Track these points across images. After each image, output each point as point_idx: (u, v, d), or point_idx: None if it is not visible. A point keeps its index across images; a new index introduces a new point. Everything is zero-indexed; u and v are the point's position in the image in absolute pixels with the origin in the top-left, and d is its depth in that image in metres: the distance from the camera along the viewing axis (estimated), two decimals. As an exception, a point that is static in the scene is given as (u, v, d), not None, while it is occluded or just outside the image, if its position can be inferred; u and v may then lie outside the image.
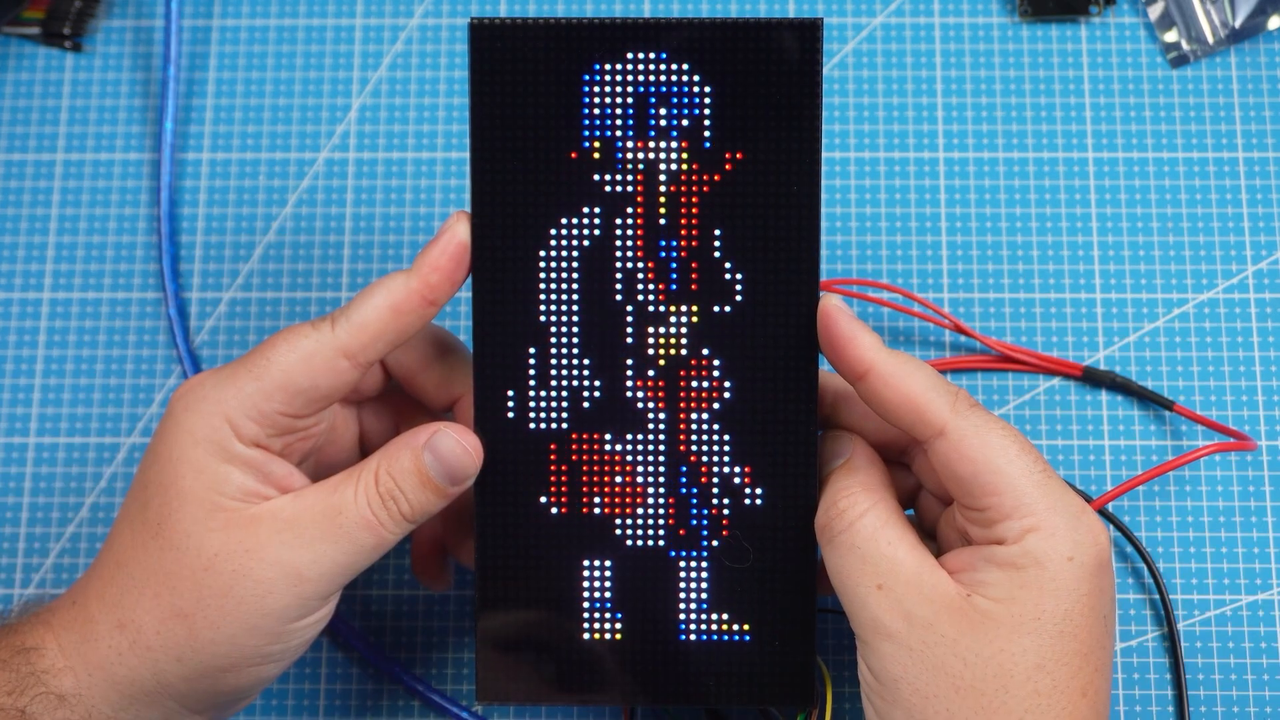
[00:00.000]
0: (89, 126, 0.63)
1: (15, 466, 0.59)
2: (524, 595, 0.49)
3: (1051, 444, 0.58)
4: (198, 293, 0.61)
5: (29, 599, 0.58)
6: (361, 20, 0.64)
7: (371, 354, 0.46)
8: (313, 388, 0.46)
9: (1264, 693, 0.55)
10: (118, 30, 0.64)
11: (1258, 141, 0.61)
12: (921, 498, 0.50)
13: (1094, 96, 0.62)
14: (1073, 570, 0.44)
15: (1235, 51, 0.62)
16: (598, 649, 0.49)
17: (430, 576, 0.54)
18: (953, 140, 0.61)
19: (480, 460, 0.47)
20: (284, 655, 0.47)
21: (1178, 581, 0.57)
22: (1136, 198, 0.61)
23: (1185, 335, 0.59)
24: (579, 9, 0.64)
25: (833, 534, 0.46)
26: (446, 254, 0.46)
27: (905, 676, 0.44)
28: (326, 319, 0.47)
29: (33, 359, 0.60)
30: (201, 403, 0.46)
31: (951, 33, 0.63)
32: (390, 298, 0.46)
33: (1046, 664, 0.43)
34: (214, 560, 0.45)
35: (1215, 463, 0.58)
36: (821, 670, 0.51)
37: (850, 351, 0.45)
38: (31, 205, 0.62)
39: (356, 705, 0.57)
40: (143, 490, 0.47)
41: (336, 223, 0.61)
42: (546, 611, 0.49)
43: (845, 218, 0.61)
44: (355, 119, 0.62)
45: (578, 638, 0.49)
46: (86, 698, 0.46)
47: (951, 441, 0.45)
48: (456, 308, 0.60)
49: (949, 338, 0.59)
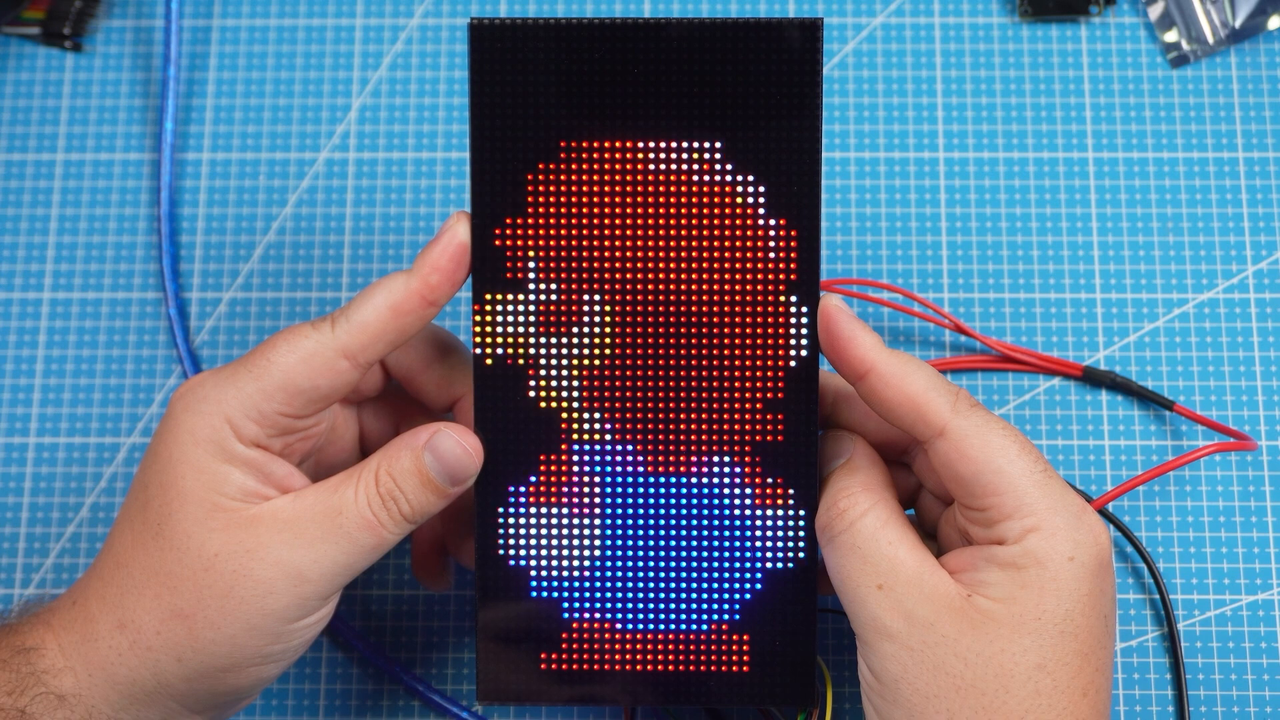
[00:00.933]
0: (89, 126, 0.63)
1: (15, 466, 0.59)
2: (524, 588, 0.49)
3: (1051, 444, 0.58)
4: (198, 293, 0.61)
5: (29, 599, 0.58)
6: (361, 20, 0.64)
7: (372, 354, 0.46)
8: (313, 388, 0.46)
9: (1264, 693, 0.55)
10: (118, 30, 0.64)
11: (1258, 141, 0.61)
12: (922, 497, 0.50)
13: (1094, 96, 0.62)
14: (1073, 570, 0.44)
15: (1235, 51, 0.62)
16: (598, 642, 0.49)
17: (430, 577, 0.54)
18: (953, 140, 0.61)
19: (480, 460, 0.47)
20: (284, 655, 0.47)
21: (1178, 581, 0.57)
22: (1136, 198, 0.61)
23: (1185, 335, 0.59)
24: (579, 9, 0.64)
25: (833, 534, 0.46)
26: (447, 254, 0.46)
27: (905, 676, 0.44)
28: (327, 319, 0.47)
29: (33, 359, 0.60)
30: (202, 403, 0.46)
31: (951, 33, 0.63)
32: (390, 298, 0.46)
33: (1047, 664, 0.43)
34: (214, 560, 0.45)
35: (1215, 463, 0.58)
36: (822, 670, 0.51)
37: (851, 351, 0.45)
38: (32, 205, 0.62)
39: (356, 705, 0.57)
40: (143, 490, 0.47)
41: (336, 223, 0.61)
42: (547, 604, 0.49)
43: (845, 218, 0.61)
44: (355, 119, 0.62)
45: (578, 630, 0.49)
46: (86, 698, 0.46)
47: (952, 441, 0.45)
48: (456, 308, 0.60)
49: (949, 338, 0.59)
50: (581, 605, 0.49)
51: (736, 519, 0.48)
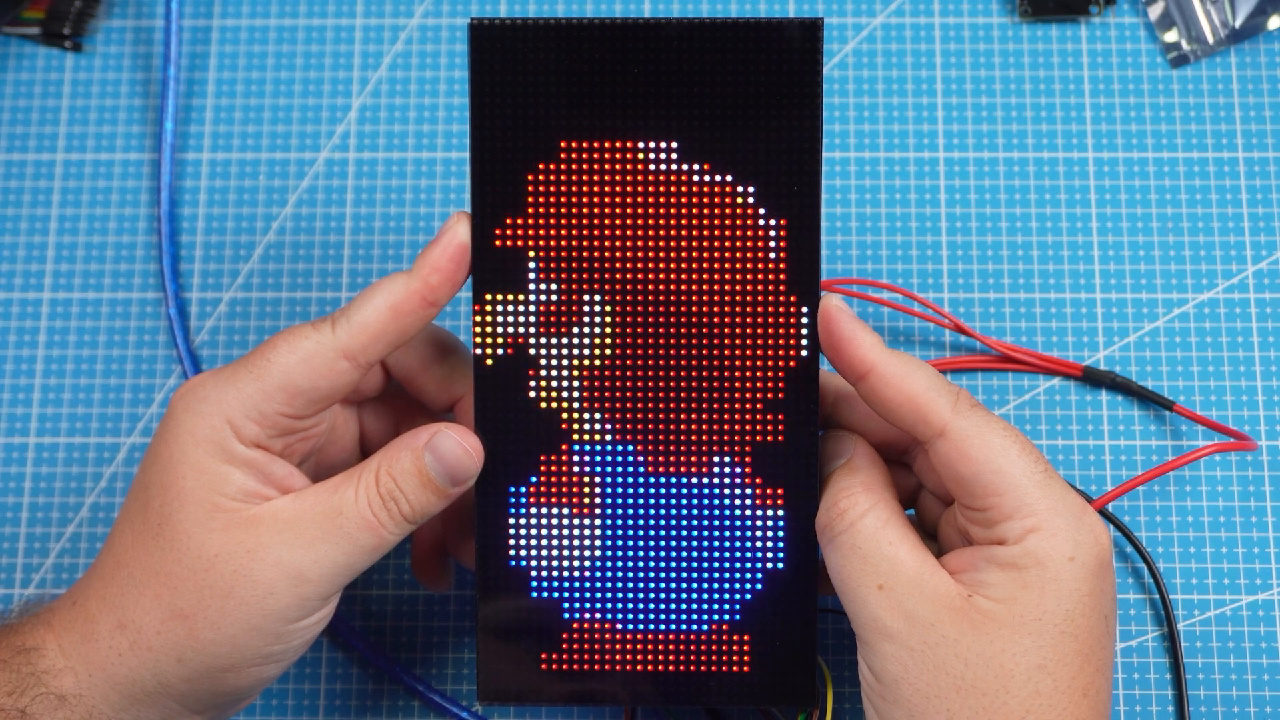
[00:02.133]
0: (89, 126, 0.63)
1: (15, 466, 0.59)
2: (525, 588, 0.49)
3: (1051, 444, 0.58)
4: (198, 293, 0.61)
5: (29, 599, 0.58)
6: (361, 20, 0.64)
7: (372, 355, 0.46)
8: (313, 389, 0.46)
9: (1264, 693, 0.55)
10: (118, 30, 0.64)
11: (1258, 141, 0.61)
12: (922, 498, 0.50)
13: (1094, 96, 0.62)
14: (1074, 570, 0.44)
15: (1235, 51, 0.62)
16: (598, 642, 0.49)
17: (430, 577, 0.54)
18: (953, 140, 0.61)
19: (481, 461, 0.47)
20: (285, 655, 0.47)
21: (1178, 581, 0.57)
22: (1136, 198, 0.61)
23: (1185, 335, 0.59)
24: (579, 9, 0.64)
25: (833, 534, 0.46)
26: (447, 255, 0.46)
27: (906, 677, 0.44)
28: (327, 320, 0.47)
29: (33, 359, 0.60)
30: (202, 403, 0.46)
31: (951, 33, 0.63)
32: (391, 298, 0.46)
33: (1048, 664, 0.43)
34: (214, 561, 0.45)
35: (1215, 463, 0.58)
36: (822, 670, 0.51)
37: (851, 351, 0.45)
38: (32, 205, 0.62)
39: (356, 705, 0.57)
40: (143, 491, 0.47)
41: (336, 223, 0.61)
42: (547, 603, 0.49)
43: (845, 218, 0.61)
44: (355, 119, 0.62)
45: (578, 630, 0.49)
46: (87, 698, 0.46)
47: (952, 441, 0.45)
48: (456, 308, 0.60)
49: (949, 338, 0.59)
50: (582, 605, 0.49)
51: (737, 519, 0.48)
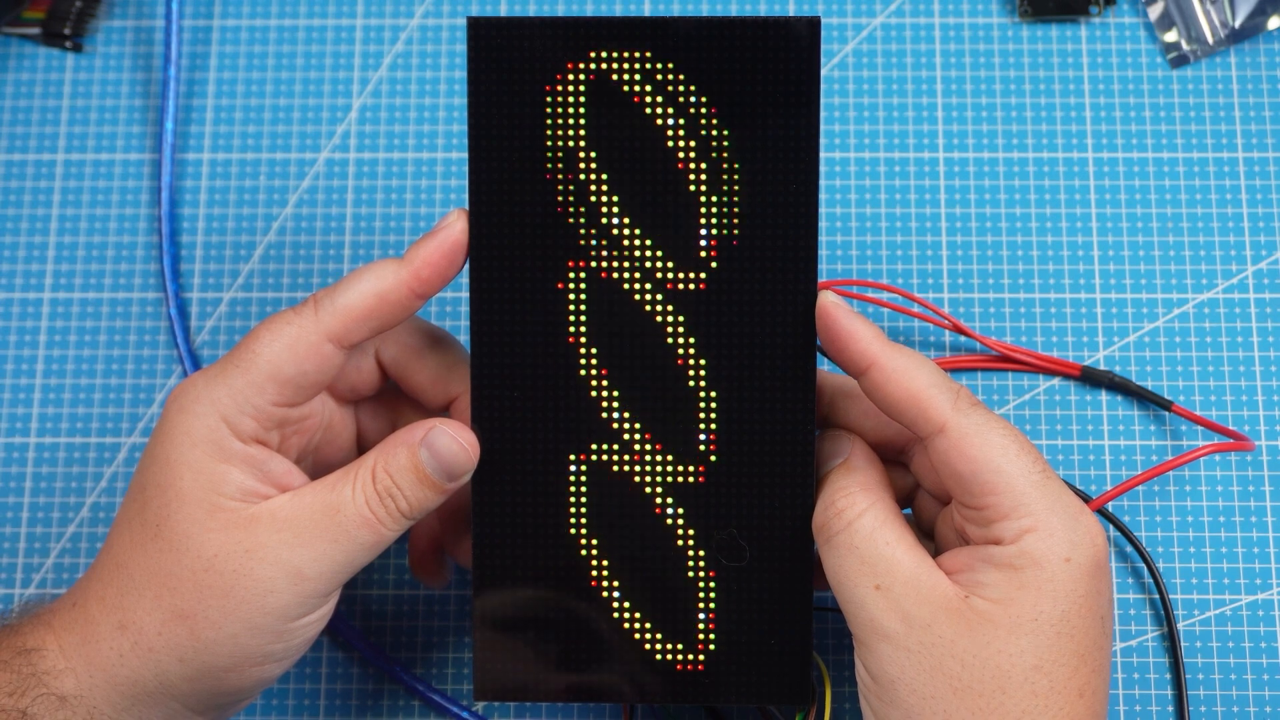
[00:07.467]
0: (89, 127, 0.63)
1: (15, 466, 0.59)
2: (521, 576, 0.49)
3: (1051, 444, 0.58)
4: (198, 293, 0.61)
5: (29, 599, 0.58)
6: (361, 20, 0.64)
7: (355, 337, 0.47)
8: (300, 374, 0.46)
9: (1264, 693, 0.55)
10: (118, 30, 0.64)
11: (1258, 141, 0.61)
12: (919, 497, 0.50)
13: (1094, 96, 0.62)
14: (1070, 571, 0.44)
15: (1235, 51, 0.62)
16: (597, 639, 0.49)
17: (428, 574, 0.54)
18: (953, 140, 0.61)
19: (476, 456, 0.47)
20: (286, 654, 0.47)
21: (1178, 581, 0.56)
22: (1136, 198, 0.61)
23: (1185, 335, 0.59)
24: (579, 8, 0.64)
25: (831, 534, 0.46)
26: (441, 250, 0.46)
27: (903, 677, 0.44)
28: (308, 303, 0.47)
29: (33, 359, 0.60)
30: (196, 404, 0.46)
31: (951, 33, 0.63)
32: (379, 285, 0.46)
33: (1044, 665, 0.43)
34: (214, 561, 0.46)
35: (1214, 463, 0.58)
36: (820, 669, 0.51)
37: (851, 347, 0.45)
38: (32, 205, 0.62)
39: (356, 705, 0.57)
40: (141, 492, 0.47)
41: (337, 223, 0.61)
42: (544, 592, 0.49)
43: (845, 218, 0.61)
44: (355, 119, 0.63)
45: (577, 627, 0.49)
46: (88, 699, 0.46)
47: (951, 439, 0.45)
48: (457, 308, 0.60)
49: (949, 338, 0.59)
50: (581, 602, 0.49)
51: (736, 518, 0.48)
